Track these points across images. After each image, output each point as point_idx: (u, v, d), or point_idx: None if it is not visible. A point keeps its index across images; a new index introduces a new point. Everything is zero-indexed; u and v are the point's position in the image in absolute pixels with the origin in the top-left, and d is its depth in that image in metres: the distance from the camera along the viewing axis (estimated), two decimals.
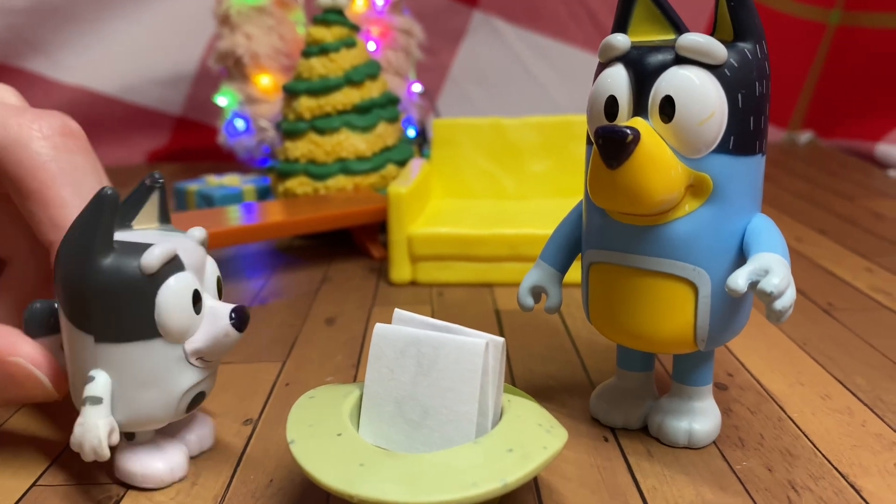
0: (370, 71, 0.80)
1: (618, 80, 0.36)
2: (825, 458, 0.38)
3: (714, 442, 0.40)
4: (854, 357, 0.49)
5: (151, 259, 0.32)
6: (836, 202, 0.91)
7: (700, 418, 0.39)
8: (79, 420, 0.33)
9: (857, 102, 1.21)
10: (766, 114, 0.36)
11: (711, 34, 0.36)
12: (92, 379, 0.33)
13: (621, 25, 0.39)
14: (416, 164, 0.74)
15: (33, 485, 0.37)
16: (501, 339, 0.33)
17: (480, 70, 1.24)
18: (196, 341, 0.34)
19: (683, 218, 0.36)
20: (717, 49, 0.34)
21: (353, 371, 0.49)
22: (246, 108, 0.92)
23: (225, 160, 1.14)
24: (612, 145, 0.33)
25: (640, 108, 0.35)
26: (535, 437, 0.32)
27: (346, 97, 0.78)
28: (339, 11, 0.80)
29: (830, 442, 0.39)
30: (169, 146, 1.27)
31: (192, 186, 0.85)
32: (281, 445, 0.40)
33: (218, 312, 0.34)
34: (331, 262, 0.72)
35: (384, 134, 0.79)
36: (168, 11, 1.22)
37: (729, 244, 0.36)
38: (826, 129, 1.26)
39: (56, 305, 0.37)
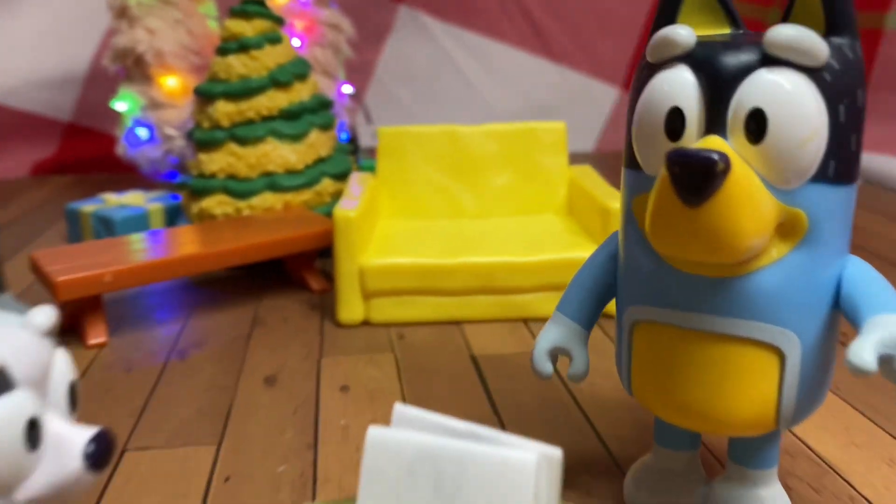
0: (298, 70, 0.69)
1: (684, 86, 0.27)
2: None
3: None
4: (893, 401, 0.43)
5: None
6: None
7: None
8: None
9: None
10: (863, 130, 0.28)
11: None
12: None
13: (669, 15, 0.30)
14: (356, 179, 0.64)
15: None
16: (558, 453, 0.24)
17: (408, 69, 1.14)
18: (32, 488, 0.23)
19: (769, 267, 0.27)
20: (818, 46, 0.26)
21: (309, 454, 0.38)
22: (149, 113, 0.79)
23: (122, 172, 1.00)
24: (694, 176, 0.25)
25: (715, 124, 0.27)
26: None
27: (272, 101, 0.67)
28: (260, 2, 0.69)
29: None
30: (57, 157, 1.12)
31: (88, 207, 0.72)
32: None
33: (66, 446, 0.23)
34: (261, 297, 0.61)
35: (317, 143, 0.69)
36: (54, 3, 1.06)
37: (822, 297, 0.28)
38: None
39: None
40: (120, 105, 0.81)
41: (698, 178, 0.25)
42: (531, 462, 0.23)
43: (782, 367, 0.28)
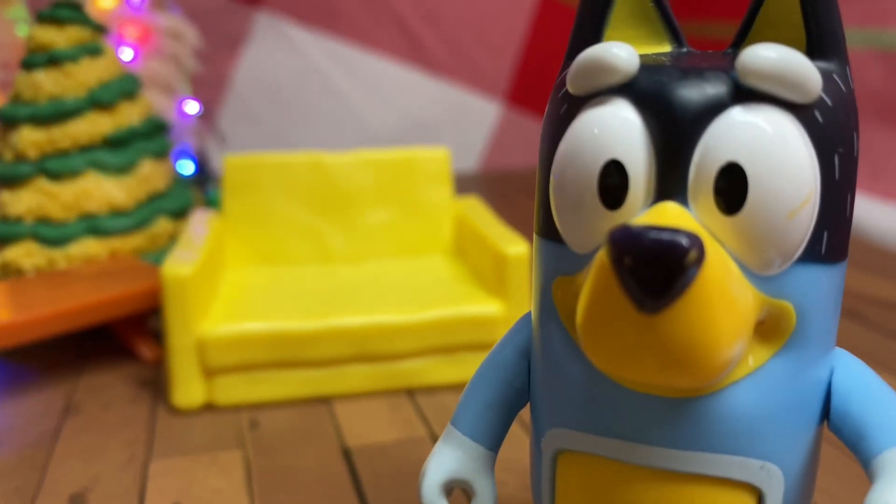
0: (126, 87, 0.58)
1: (624, 131, 0.19)
2: None
3: None
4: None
5: None
6: None
7: None
8: None
9: None
10: (855, 188, 0.21)
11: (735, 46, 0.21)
12: None
13: (594, 29, 0.22)
14: (199, 219, 0.53)
15: None
16: None
17: (269, 83, 1.03)
18: None
19: (745, 380, 0.20)
20: (810, 74, 0.18)
21: None
22: None
23: None
24: (655, 270, 0.17)
25: (671, 184, 0.19)
26: None
27: (92, 126, 0.55)
28: (75, 6, 0.56)
29: None
30: None
31: None
32: None
33: None
34: (80, 372, 0.49)
35: (151, 175, 0.57)
36: None
37: (809, 413, 0.21)
38: None
39: None
40: None
41: (660, 273, 0.16)
42: None
43: None
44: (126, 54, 0.68)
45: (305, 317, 0.44)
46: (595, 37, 0.22)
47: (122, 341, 0.52)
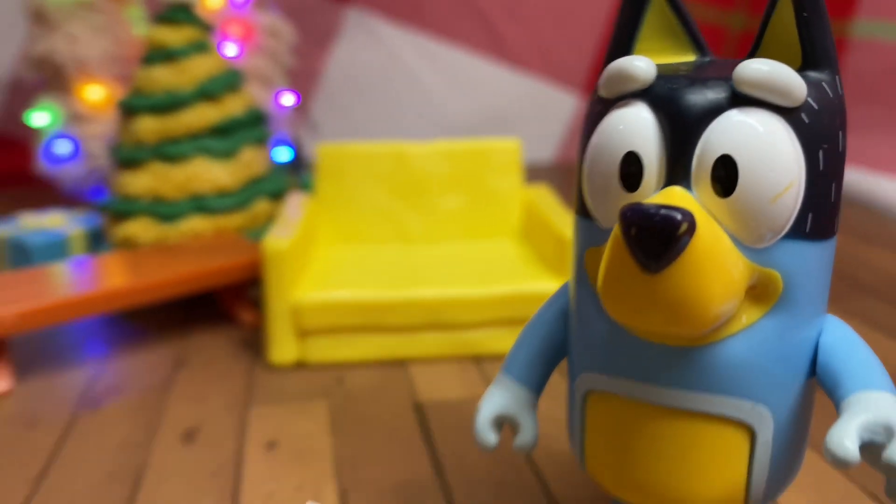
0: (230, 81, 0.64)
1: (641, 129, 0.23)
2: None
3: None
4: None
5: None
6: None
7: None
8: None
9: None
10: (843, 177, 0.25)
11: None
12: None
13: (625, 43, 0.26)
14: (294, 201, 0.59)
15: None
16: None
17: (358, 77, 1.09)
18: None
19: (739, 335, 0.24)
20: (795, 84, 0.22)
21: None
22: (72, 127, 0.73)
23: (42, 189, 0.93)
24: (654, 238, 0.21)
25: (677, 172, 0.23)
26: None
27: (201, 116, 0.62)
28: (186, 8, 0.64)
29: None
30: None
31: (1, 231, 0.66)
32: None
33: None
34: (188, 334, 0.56)
35: (251, 161, 0.64)
36: None
37: (798, 366, 0.25)
38: None
39: None
40: (38, 117, 0.75)
41: (658, 240, 0.21)
42: None
43: (752, 445, 0.25)
44: (230, 50, 0.75)
45: (386, 288, 0.50)
46: (626, 49, 0.26)
47: (224, 308, 0.59)
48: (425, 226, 0.59)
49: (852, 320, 0.26)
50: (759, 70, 0.22)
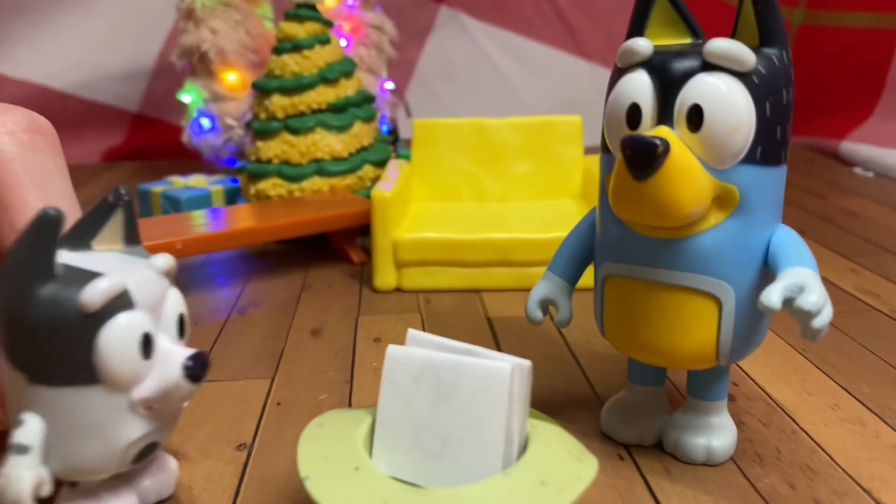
0: (345, 68, 0.77)
1: (641, 87, 0.34)
2: (846, 472, 0.37)
3: (731, 458, 0.38)
4: (855, 363, 0.49)
5: (94, 294, 0.28)
6: (808, 201, 0.92)
7: (718, 434, 0.38)
8: (2, 470, 0.29)
9: (821, 100, 1.23)
10: (790, 122, 0.35)
11: (731, 38, 0.35)
12: (21, 423, 0.29)
13: (638, 29, 0.37)
14: (394, 166, 0.72)
15: None
16: (528, 363, 0.32)
17: (447, 67, 1.22)
18: (144, 390, 0.29)
19: (708, 231, 0.34)
20: (746, 55, 0.33)
21: (346, 388, 0.46)
22: (211, 105, 0.88)
23: (185, 159, 1.10)
24: (640, 157, 0.32)
25: (665, 116, 0.34)
26: (566, 467, 0.30)
27: (321, 96, 0.75)
28: (311, 7, 0.77)
29: (847, 455, 0.39)
30: (125, 144, 1.22)
31: (157, 188, 0.81)
32: (281, 473, 0.37)
33: (171, 359, 0.30)
34: (309, 267, 0.69)
35: (360, 134, 0.77)
36: (124, 3, 1.17)
37: (754, 257, 0.35)
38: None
39: None
40: (185, 97, 0.90)
41: (642, 158, 0.32)
42: (506, 370, 0.31)
43: (720, 313, 0.35)
44: (342, 42, 0.88)
45: (465, 231, 0.62)
46: (639, 33, 0.37)
47: (337, 249, 0.72)
48: (500, 187, 0.71)
49: None
50: (720, 47, 0.33)
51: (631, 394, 0.41)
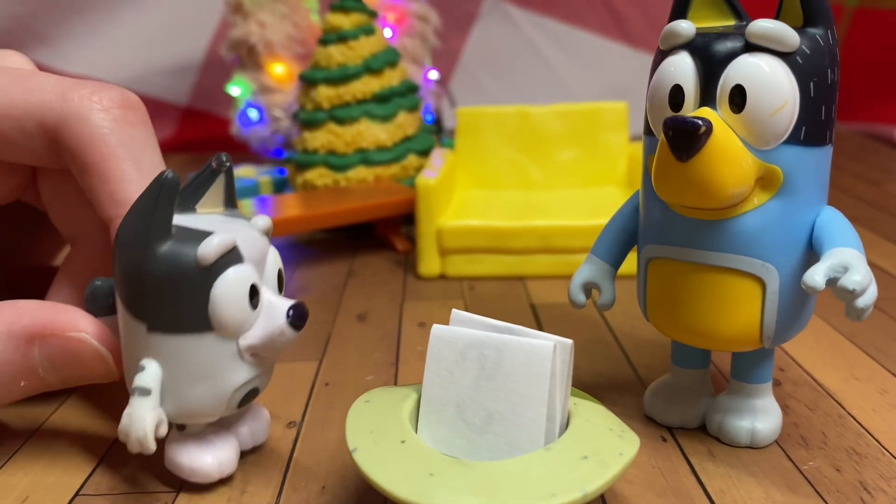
0: (389, 58, 0.78)
1: (683, 68, 0.34)
2: (893, 457, 0.37)
3: (776, 441, 0.38)
4: None
5: (208, 250, 0.31)
6: (861, 187, 0.90)
7: (762, 417, 0.38)
8: (127, 410, 0.32)
9: (875, 86, 1.20)
10: (836, 102, 0.35)
11: (775, 19, 0.35)
12: (142, 368, 0.32)
13: (681, 11, 0.37)
14: (438, 154, 0.72)
15: (76, 494, 0.35)
16: (569, 342, 0.32)
17: (492, 56, 1.22)
18: (251, 337, 0.32)
19: (752, 212, 0.34)
20: (789, 35, 0.33)
21: (392, 369, 0.47)
22: (259, 97, 0.90)
23: (234, 150, 1.12)
24: (683, 137, 0.32)
25: (707, 97, 0.34)
26: (608, 443, 0.31)
27: (366, 86, 0.76)
28: None
29: (895, 439, 0.38)
30: (176, 137, 1.25)
31: None
32: (329, 449, 0.39)
33: (275, 309, 0.33)
34: (355, 255, 0.71)
35: (404, 123, 0.78)
36: (174, 0, 1.20)
37: (798, 238, 0.35)
38: (844, 113, 1.25)
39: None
40: (234, 90, 0.92)
41: (685, 138, 0.32)
42: (549, 347, 0.31)
43: (763, 294, 0.35)
44: (387, 33, 0.89)
45: (509, 219, 0.62)
46: (681, 16, 0.37)
47: (382, 237, 0.73)
48: (544, 174, 0.71)
49: None
50: (763, 27, 0.33)
51: (675, 377, 0.41)
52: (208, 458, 0.35)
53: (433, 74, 0.94)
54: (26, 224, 0.47)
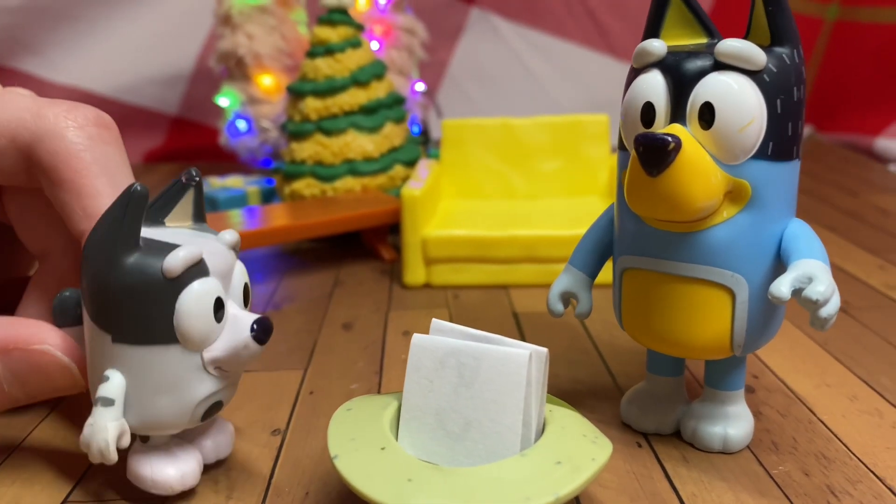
0: (376, 71, 0.79)
1: (655, 86, 0.36)
2: (860, 461, 0.38)
3: (748, 446, 0.40)
4: (876, 357, 0.49)
5: (174, 262, 0.31)
6: (839, 197, 0.92)
7: (734, 423, 0.39)
8: (89, 420, 0.32)
9: (855, 97, 1.22)
10: (802, 119, 0.36)
11: (745, 38, 0.36)
12: (106, 379, 0.32)
13: (653, 30, 0.38)
14: (423, 165, 0.74)
15: (64, 501, 0.36)
16: (545, 350, 0.33)
17: (479, 68, 1.24)
18: (215, 350, 0.33)
19: (721, 224, 0.36)
20: (756, 55, 0.34)
21: (376, 378, 0.48)
22: (248, 108, 0.91)
23: (222, 160, 1.13)
24: (652, 153, 0.33)
25: (677, 114, 0.35)
26: (582, 449, 0.32)
27: (353, 98, 0.77)
28: (343, 11, 0.79)
29: (864, 445, 0.39)
30: (165, 146, 1.26)
31: None
32: (313, 456, 0.39)
33: (239, 322, 0.33)
34: (341, 265, 0.71)
35: (391, 134, 0.79)
36: (163, 10, 1.21)
37: (766, 250, 0.36)
38: (825, 124, 1.27)
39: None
40: (223, 100, 0.93)
41: (654, 154, 0.33)
42: (524, 356, 0.32)
43: (733, 304, 0.36)
44: (374, 45, 0.90)
45: (493, 228, 0.63)
46: (654, 34, 0.38)
47: (368, 246, 0.74)
48: (527, 185, 0.73)
49: None
50: (731, 46, 0.34)
51: (650, 384, 0.42)
52: (171, 470, 0.35)
53: (420, 86, 0.95)
54: (1, 238, 0.47)
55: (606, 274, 0.41)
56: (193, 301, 0.32)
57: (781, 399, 0.44)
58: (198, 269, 0.32)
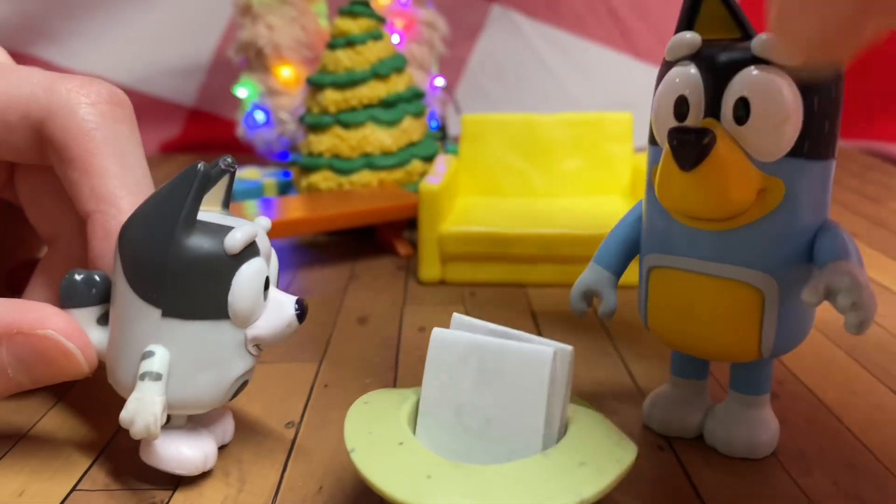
0: (396, 64, 0.79)
1: (689, 79, 0.35)
2: (889, 471, 0.37)
3: (773, 452, 0.38)
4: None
5: (236, 240, 0.32)
6: (862, 204, 0.90)
7: (759, 428, 0.38)
8: (135, 395, 0.32)
9: (880, 103, 1.20)
10: (839, 117, 0.35)
11: None
12: (151, 354, 0.32)
13: (688, 24, 0.37)
14: (442, 160, 0.73)
15: (73, 489, 0.36)
16: (570, 348, 0.32)
17: (498, 64, 1.23)
18: (258, 328, 0.34)
19: (753, 223, 0.34)
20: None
21: (391, 373, 0.48)
22: (266, 100, 0.91)
23: (239, 152, 1.12)
24: (686, 147, 0.32)
25: (712, 108, 0.34)
26: (606, 451, 0.31)
27: (372, 91, 0.77)
28: (365, 3, 0.78)
29: (892, 454, 0.38)
30: (181, 137, 1.26)
31: None
32: (327, 450, 0.39)
33: (283, 302, 0.34)
34: (356, 259, 0.71)
35: (409, 129, 0.78)
36: (183, 0, 1.20)
37: (798, 250, 0.35)
38: (846, 130, 1.25)
39: (97, 277, 0.36)
40: (241, 91, 0.93)
41: (689, 148, 0.32)
42: (549, 353, 0.31)
43: (762, 305, 0.35)
44: (395, 38, 0.89)
45: (511, 226, 0.62)
46: (688, 28, 0.37)
47: (384, 241, 0.73)
48: (547, 183, 0.72)
49: None
50: (767, 41, 0.33)
51: (673, 387, 0.41)
52: (195, 450, 0.35)
53: (439, 81, 0.94)
54: (12, 219, 0.47)
55: (626, 275, 0.40)
56: (248, 278, 0.33)
57: (807, 407, 0.43)
58: (252, 248, 0.33)
